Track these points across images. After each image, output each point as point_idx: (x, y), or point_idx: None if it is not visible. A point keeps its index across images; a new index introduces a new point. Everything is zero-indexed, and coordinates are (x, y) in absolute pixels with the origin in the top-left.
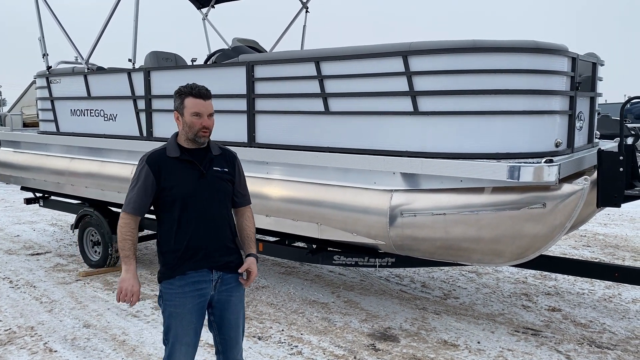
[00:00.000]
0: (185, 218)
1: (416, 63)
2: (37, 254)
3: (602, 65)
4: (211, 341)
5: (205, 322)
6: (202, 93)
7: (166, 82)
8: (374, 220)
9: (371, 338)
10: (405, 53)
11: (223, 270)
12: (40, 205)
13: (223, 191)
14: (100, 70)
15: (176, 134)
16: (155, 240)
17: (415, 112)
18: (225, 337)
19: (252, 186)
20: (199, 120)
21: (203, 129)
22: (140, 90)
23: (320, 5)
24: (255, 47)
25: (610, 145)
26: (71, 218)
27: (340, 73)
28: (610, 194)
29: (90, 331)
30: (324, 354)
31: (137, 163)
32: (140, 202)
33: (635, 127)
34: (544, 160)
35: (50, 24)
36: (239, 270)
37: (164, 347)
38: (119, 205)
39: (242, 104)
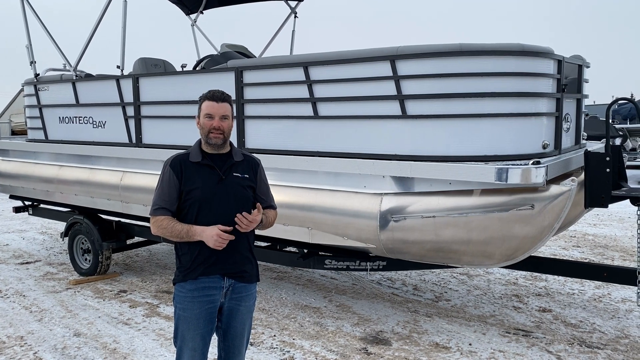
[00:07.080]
0: (201, 222)
1: (403, 67)
2: (27, 262)
3: (587, 67)
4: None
5: None
6: (215, 96)
7: (155, 89)
8: (365, 223)
9: (363, 342)
10: (392, 57)
11: (235, 278)
12: (29, 214)
13: (241, 197)
14: (88, 77)
15: (200, 140)
16: (148, 246)
17: (404, 115)
18: (229, 344)
19: None
20: (210, 122)
21: (213, 129)
22: (129, 97)
23: (308, 11)
24: (244, 53)
25: (597, 146)
26: (61, 226)
27: (328, 78)
28: (597, 194)
29: (81, 340)
30: (316, 358)
31: (126, 169)
32: (165, 204)
33: (622, 128)
34: (531, 162)
35: (37, 31)
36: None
37: (159, 354)
38: (108, 213)
39: None
